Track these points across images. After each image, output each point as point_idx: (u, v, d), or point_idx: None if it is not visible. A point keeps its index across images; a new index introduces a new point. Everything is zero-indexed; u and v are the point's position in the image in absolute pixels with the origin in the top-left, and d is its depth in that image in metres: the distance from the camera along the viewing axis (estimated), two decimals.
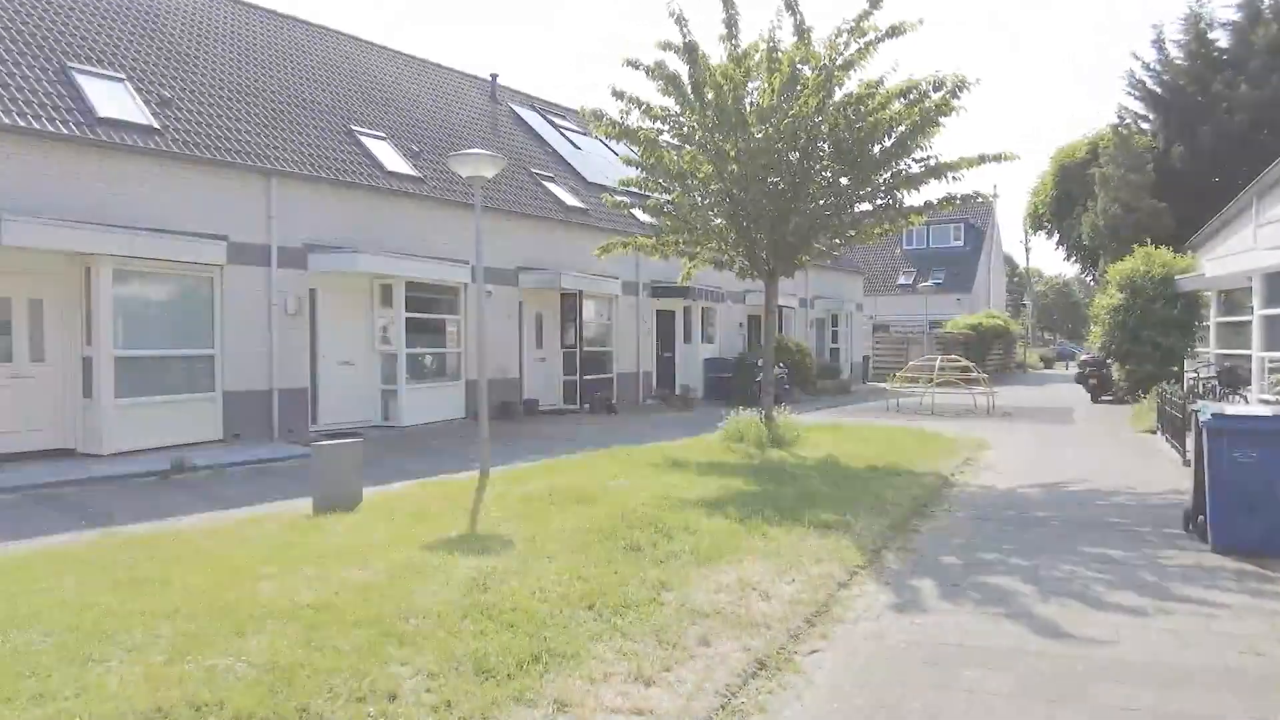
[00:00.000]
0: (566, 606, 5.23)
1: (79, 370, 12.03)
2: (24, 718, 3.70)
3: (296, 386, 14.56)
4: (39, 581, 5.75)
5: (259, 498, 9.50)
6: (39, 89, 12.17)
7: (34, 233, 10.95)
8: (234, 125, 14.55)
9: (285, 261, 14.31)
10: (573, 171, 22.88)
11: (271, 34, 18.79)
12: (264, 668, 4.20)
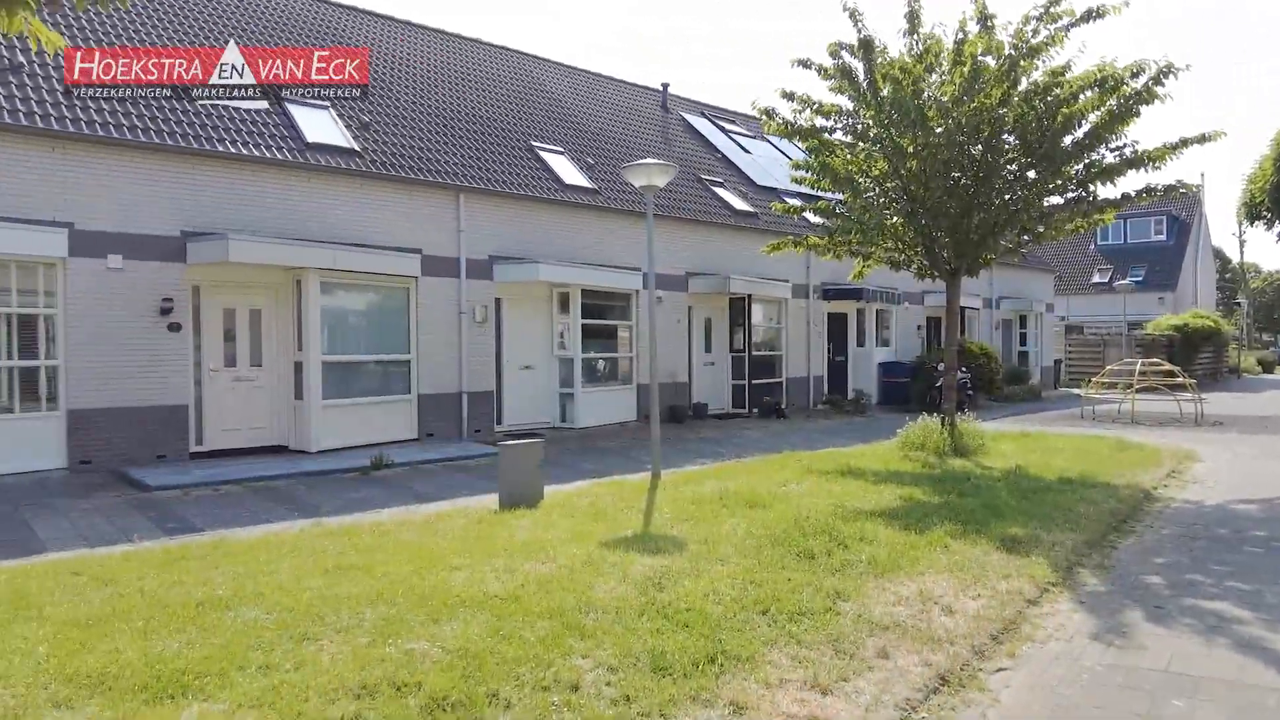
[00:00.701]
0: (740, 610, 5.26)
1: (291, 374, 13.22)
2: (253, 686, 4.11)
3: (483, 389, 15.37)
4: (261, 565, 6.38)
5: (450, 493, 10.09)
6: (258, 119, 13.47)
7: (254, 250, 12.14)
8: (426, 146, 15.55)
9: (473, 273, 15.15)
10: (742, 175, 22.87)
11: (458, 58, 19.95)
12: (457, 653, 4.47)
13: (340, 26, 18.23)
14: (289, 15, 17.47)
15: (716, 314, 20.10)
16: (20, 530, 8.16)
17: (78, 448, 11.24)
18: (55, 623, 5.02)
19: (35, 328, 11.12)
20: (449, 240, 14.94)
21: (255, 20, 16.48)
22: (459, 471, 11.86)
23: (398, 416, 14.17)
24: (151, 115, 12.12)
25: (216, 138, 12.48)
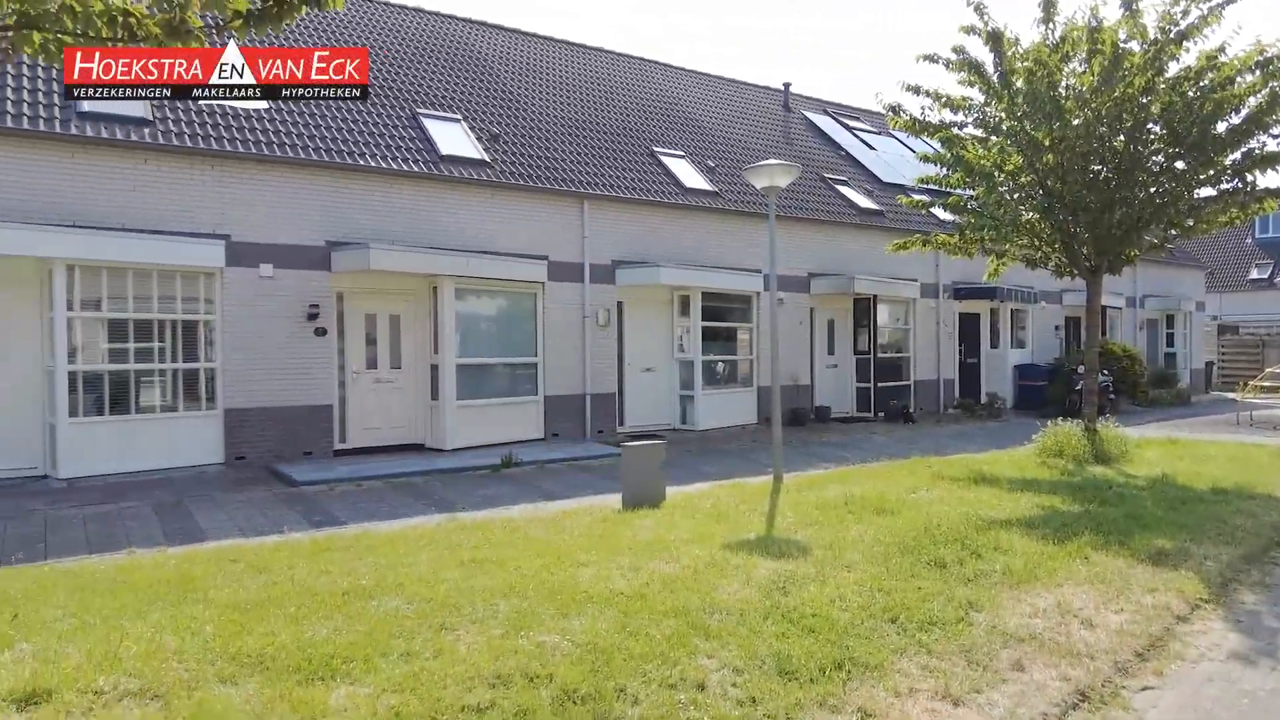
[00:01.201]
0: (868, 617, 5.19)
1: (428, 376, 13.82)
2: (395, 671, 4.35)
3: (606, 391, 15.64)
4: (401, 557, 6.71)
5: (574, 491, 10.33)
6: (395, 133, 14.18)
7: (393, 258, 12.76)
8: (552, 154, 15.96)
9: (596, 277, 15.44)
10: (866, 173, 22.42)
11: (583, 67, 20.38)
12: (586, 647, 4.60)
13: (472, 41, 18.92)
14: (426, 34, 18.26)
15: (840, 315, 19.77)
16: (185, 520, 8.86)
17: (233, 444, 12.09)
18: (218, 606, 5.44)
19: (196, 333, 12.03)
20: (573, 246, 15.28)
21: (395, 38, 17.30)
22: (583, 471, 12.11)
23: (525, 417, 14.59)
24: (299, 133, 12.96)
25: (358, 152, 13.22)
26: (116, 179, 11.35)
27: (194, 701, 3.93)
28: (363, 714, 3.84)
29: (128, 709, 3.88)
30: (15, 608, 5.32)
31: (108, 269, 11.13)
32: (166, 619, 5.12)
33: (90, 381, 11.09)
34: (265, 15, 4.91)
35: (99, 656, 4.43)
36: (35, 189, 10.82)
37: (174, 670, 4.30)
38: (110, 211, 11.23)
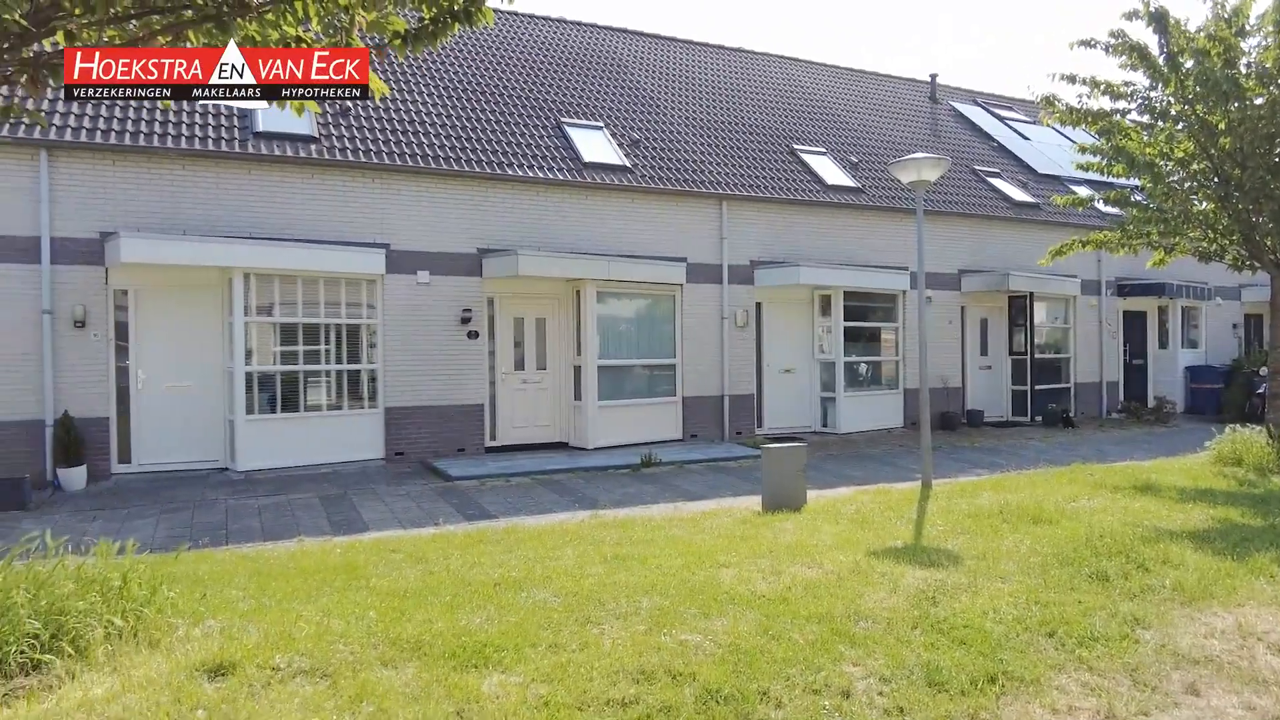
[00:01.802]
0: (1023, 630, 4.96)
1: (571, 377, 14.18)
2: (544, 662, 4.50)
3: (744, 393, 15.58)
4: (548, 550, 6.93)
5: (713, 492, 10.35)
6: (541, 143, 14.62)
7: (539, 263, 13.17)
8: (691, 157, 16.04)
9: (735, 278, 15.41)
10: (1020, 164, 21.36)
11: (723, 68, 20.39)
12: (728, 648, 4.62)
13: (614, 48, 19.28)
14: (570, 44, 18.75)
15: (993, 314, 18.92)
16: (349, 511, 9.44)
17: (393, 441, 12.78)
18: (380, 593, 5.78)
19: (359, 336, 12.79)
20: (712, 247, 15.30)
21: (540, 50, 17.85)
22: (721, 472, 12.11)
23: (664, 417, 14.73)
24: (451, 145, 13.58)
25: (506, 162, 13.72)
26: (287, 193, 12.23)
27: (358, 682, 4.19)
28: (513, 702, 4.00)
29: (300, 686, 4.18)
30: (204, 588, 5.82)
31: (280, 276, 12.01)
32: (334, 603, 5.48)
33: (264, 381, 11.99)
34: (422, 34, 5.19)
35: (275, 636, 4.80)
36: (218, 204, 11.80)
37: (340, 652, 4.60)
38: (282, 223, 12.11)
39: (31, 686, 4.15)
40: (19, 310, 10.84)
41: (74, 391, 11.07)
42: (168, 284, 11.70)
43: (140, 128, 11.64)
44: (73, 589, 4.71)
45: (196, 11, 4.82)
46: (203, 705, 3.93)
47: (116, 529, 8.41)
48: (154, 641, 4.72)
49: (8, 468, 10.40)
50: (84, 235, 11.12)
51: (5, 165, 10.81)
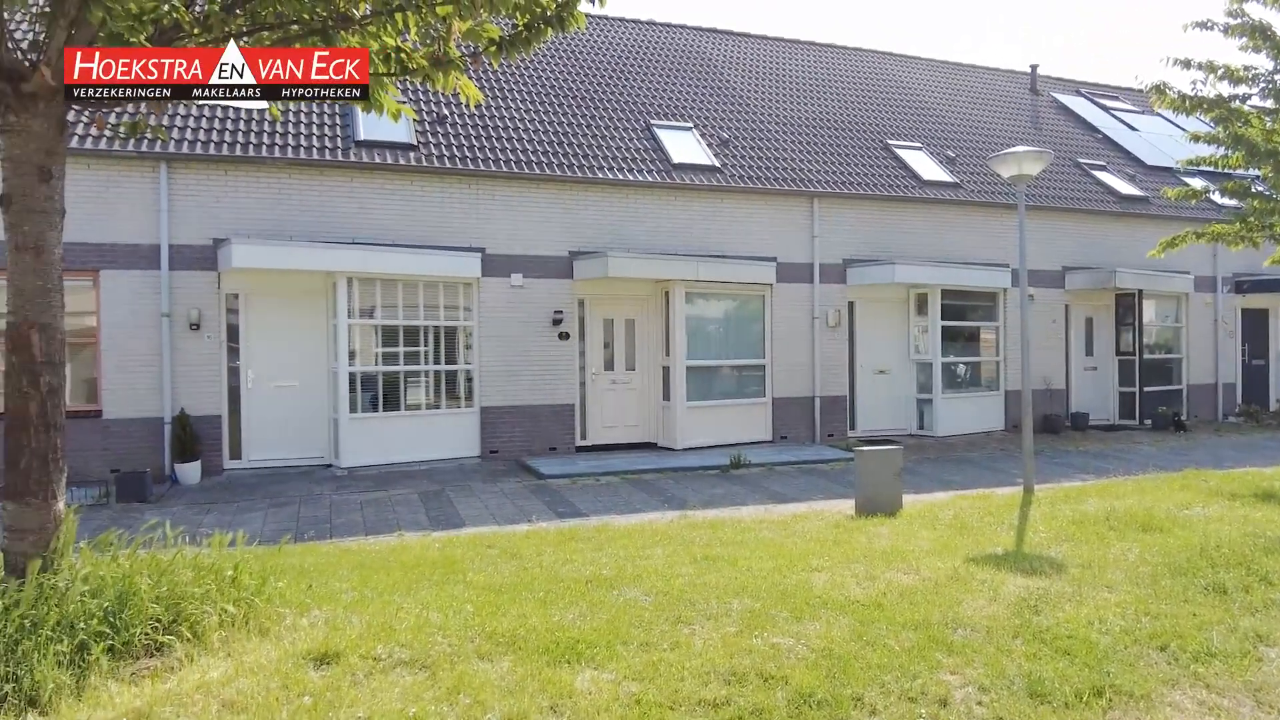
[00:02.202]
0: (1132, 643, 4.75)
1: (659, 378, 14.23)
2: (635, 660, 4.53)
3: (836, 394, 15.35)
4: (638, 550, 6.97)
5: (804, 495, 10.23)
6: (630, 145, 14.72)
7: (629, 265, 13.25)
8: (781, 155, 15.89)
9: (827, 277, 15.20)
10: (1128, 156, 20.42)
11: (813, 65, 20.14)
12: (820, 653, 4.56)
13: (702, 49, 19.26)
14: (659, 46, 18.82)
15: (1099, 312, 18.14)
16: (446, 507, 9.69)
17: (488, 439, 13.07)
18: (476, 587, 5.92)
19: (456, 338, 13.12)
20: (803, 246, 15.12)
21: (630, 53, 17.98)
22: (812, 475, 11.95)
23: (753, 418, 14.63)
24: (543, 150, 13.80)
25: (597, 166, 13.86)
26: (387, 199, 12.64)
27: (456, 674, 4.30)
28: (606, 699, 4.04)
29: (400, 676, 4.32)
30: (309, 579, 6.07)
31: (381, 280, 12.41)
32: (432, 597, 5.64)
33: (366, 381, 12.42)
34: (516, 40, 5.30)
35: (377, 627, 4.96)
36: (321, 210, 12.28)
37: (439, 644, 4.73)
38: (383, 228, 12.52)
39: (155, 667, 4.40)
40: (141, 314, 11.51)
41: (189, 390, 11.69)
42: (275, 288, 12.24)
43: (250, 139, 12.21)
44: (190, 577, 4.97)
45: (303, 26, 5.04)
46: (309, 692, 4.10)
47: (228, 521, 8.85)
48: (264, 629, 4.94)
49: (131, 462, 11.07)
50: (198, 242, 11.73)
51: (130, 178, 11.50)
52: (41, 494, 4.73)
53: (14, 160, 4.73)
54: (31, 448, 4.71)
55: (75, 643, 4.27)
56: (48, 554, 4.68)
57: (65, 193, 4.99)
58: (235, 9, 5.07)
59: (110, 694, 4.05)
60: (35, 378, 4.73)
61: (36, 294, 4.75)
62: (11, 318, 4.75)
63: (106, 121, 6.10)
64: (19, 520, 4.70)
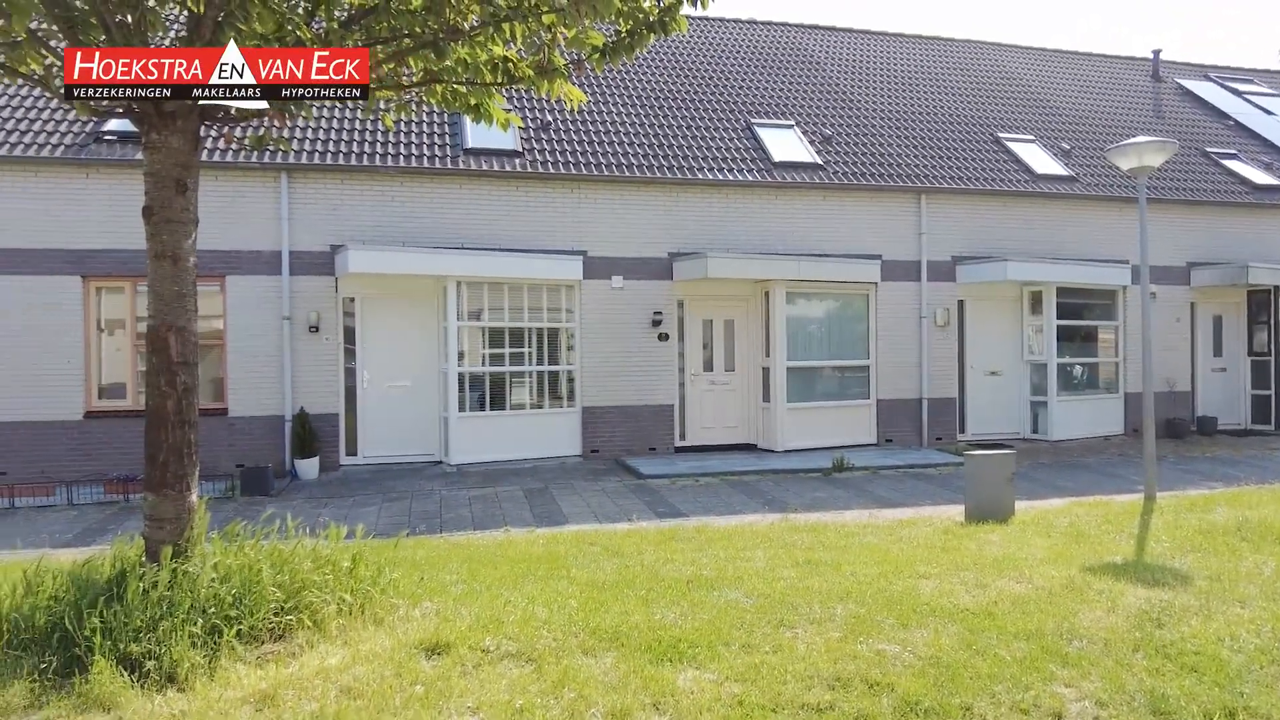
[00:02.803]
0: (1269, 663, 4.47)
1: (759, 379, 14.13)
2: (737, 661, 4.52)
3: (944, 396, 14.92)
4: (738, 551, 6.95)
5: (911, 500, 9.99)
6: (730, 145, 14.68)
7: (728, 265, 13.21)
8: (886, 151, 15.56)
9: (934, 275, 14.80)
10: (1263, 142, 19.14)
11: (918, 58, 19.65)
12: (927, 660, 4.46)
13: (804, 45, 19.05)
14: (759, 44, 18.71)
15: (1229, 310, 17.08)
16: (549, 505, 9.87)
17: (589, 439, 13.25)
18: (579, 583, 6.02)
19: (558, 339, 13.35)
20: (909, 243, 14.77)
21: (730, 52, 17.93)
22: (919, 479, 11.66)
23: (857, 421, 14.37)
24: (643, 152, 13.91)
25: (696, 166, 13.88)
26: (494, 205, 12.96)
27: (561, 668, 4.39)
28: (708, 698, 4.05)
29: (507, 668, 4.43)
30: (421, 572, 6.29)
31: (488, 283, 12.75)
32: (537, 591, 5.77)
33: (473, 382, 12.77)
34: (619, 46, 5.37)
35: (485, 619, 5.11)
36: (431, 216, 12.69)
37: (544, 638, 4.84)
38: (489, 233, 12.85)
39: (278, 652, 4.65)
40: (264, 317, 12.14)
41: (309, 390, 12.26)
42: (388, 292, 12.72)
43: (364, 149, 12.73)
44: (310, 567, 5.23)
45: (415, 40, 5.23)
46: (421, 681, 4.25)
47: (344, 515, 9.24)
48: (379, 619, 5.15)
49: (254, 458, 11.69)
50: (317, 248, 12.29)
51: (254, 188, 12.15)
52: (177, 486, 5.05)
53: (154, 175, 5.07)
54: (169, 443, 5.03)
55: (207, 625, 4.55)
56: (181, 542, 5.00)
57: (198, 204, 5.31)
58: (351, 25, 5.31)
59: (238, 675, 4.30)
60: (172, 377, 5.06)
61: (173, 299, 5.08)
62: (151, 321, 5.10)
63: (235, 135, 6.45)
64: (157, 510, 5.04)
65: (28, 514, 9.77)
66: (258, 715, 3.89)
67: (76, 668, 4.19)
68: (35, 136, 11.82)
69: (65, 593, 4.63)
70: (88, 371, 11.78)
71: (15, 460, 11.39)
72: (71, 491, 10.48)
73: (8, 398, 11.40)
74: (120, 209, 11.37)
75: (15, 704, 3.98)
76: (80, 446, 11.58)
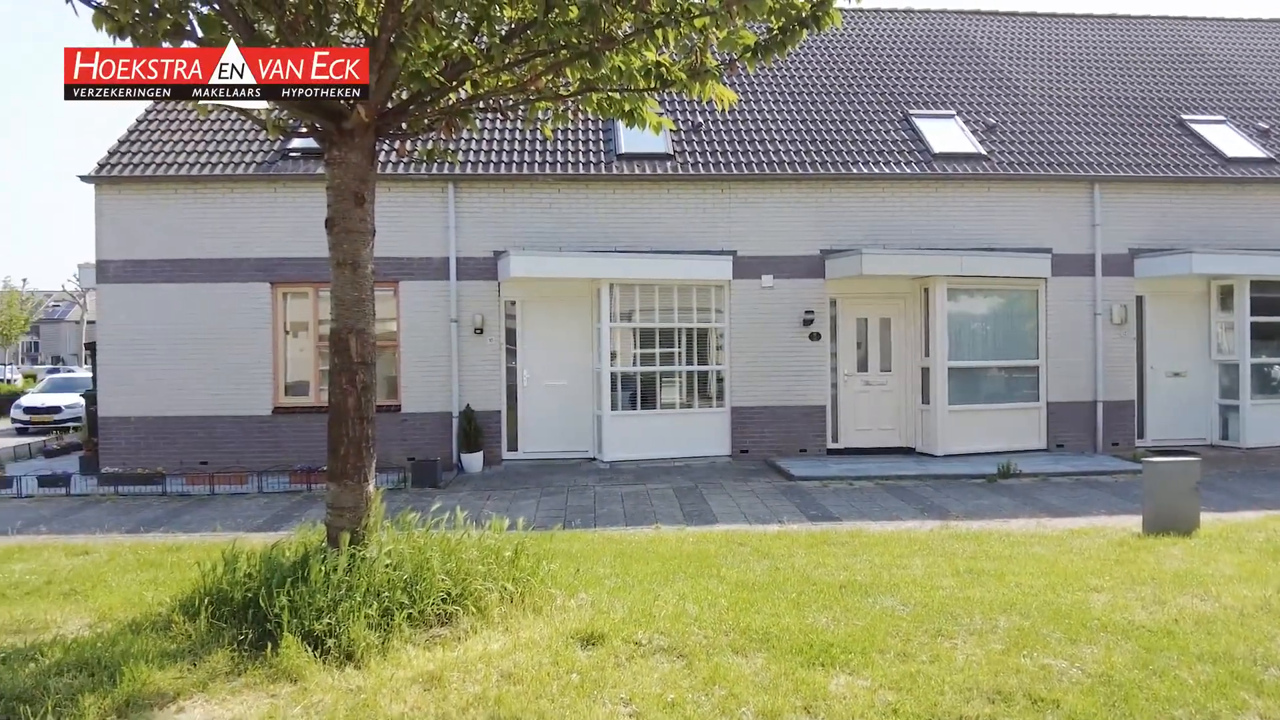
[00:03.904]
0: None
1: (918, 379, 13.67)
2: (892, 670, 4.42)
3: (1121, 399, 13.94)
4: (894, 558, 6.77)
5: (1083, 509, 9.41)
6: (886, 137, 14.28)
7: (885, 262, 12.87)
8: (1055, 138, 14.71)
9: (1110, 269, 13.85)
10: None
11: (1089, 38, 18.45)
12: (1098, 678, 4.21)
13: (965, 32, 18.28)
14: (917, 33, 18.11)
15: None
16: (699, 503, 9.93)
17: (738, 439, 13.23)
18: (729, 583, 6.04)
19: (707, 339, 13.40)
20: (1082, 236, 13.89)
21: (885, 42, 17.46)
22: (1092, 487, 10.96)
23: (1023, 424, 13.64)
24: (794, 149, 13.75)
25: (850, 161, 13.59)
26: (645, 207, 13.17)
27: (711, 665, 4.43)
28: (861, 705, 3.99)
29: (659, 662, 4.52)
30: (576, 564, 6.49)
31: (639, 285, 12.97)
32: (688, 588, 5.84)
33: (625, 381, 13.03)
34: (771, 44, 5.35)
35: (637, 613, 5.22)
36: (586, 221, 13.04)
37: (695, 635, 4.89)
38: (640, 236, 13.07)
39: (444, 636, 4.92)
40: (434, 319, 12.84)
41: (473, 388, 12.88)
42: (545, 294, 13.17)
43: (524, 158, 13.23)
44: (476, 556, 5.50)
45: (571, 50, 5.41)
46: (577, 670, 4.40)
47: (505, 507, 9.64)
48: (537, 608, 5.36)
49: (424, 452, 12.40)
50: (481, 254, 12.88)
51: (423, 198, 12.88)
52: (356, 477, 5.44)
53: (335, 188, 5.47)
54: (349, 437, 5.43)
55: (381, 608, 4.88)
56: (359, 529, 5.38)
57: (374, 214, 5.69)
58: (511, 39, 5.55)
59: (409, 656, 4.59)
60: (353, 376, 5.45)
61: (353, 304, 5.47)
62: (333, 324, 5.51)
63: (408, 149, 6.87)
64: (338, 499, 5.44)
65: (225, 500, 10.75)
66: (426, 695, 4.14)
67: (269, 641, 4.59)
68: (230, 156, 13.00)
69: (257, 572, 5.08)
70: (276, 371, 12.83)
71: (216, 451, 12.56)
72: (261, 480, 11.44)
73: (211, 394, 12.58)
74: (304, 220, 12.33)
75: (220, 670, 4.41)
76: (269, 439, 12.64)
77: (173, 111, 13.95)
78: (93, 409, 13.19)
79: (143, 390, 12.54)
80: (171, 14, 4.90)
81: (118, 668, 4.28)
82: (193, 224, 12.64)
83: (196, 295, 12.60)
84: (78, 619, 5.39)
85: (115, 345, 12.61)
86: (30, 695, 4.07)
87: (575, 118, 6.44)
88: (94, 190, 12.60)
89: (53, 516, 9.74)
